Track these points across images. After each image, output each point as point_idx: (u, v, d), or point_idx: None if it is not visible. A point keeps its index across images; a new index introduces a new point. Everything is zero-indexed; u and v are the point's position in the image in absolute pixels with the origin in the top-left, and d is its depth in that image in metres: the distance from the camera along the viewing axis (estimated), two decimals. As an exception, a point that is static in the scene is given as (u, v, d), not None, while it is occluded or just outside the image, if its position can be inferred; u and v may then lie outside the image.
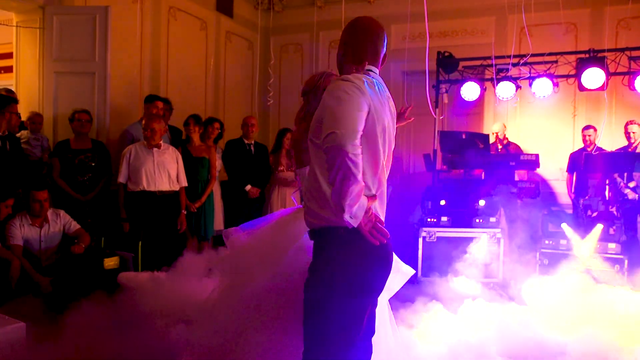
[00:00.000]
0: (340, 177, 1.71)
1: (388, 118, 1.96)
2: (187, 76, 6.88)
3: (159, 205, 4.71)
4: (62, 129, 5.44)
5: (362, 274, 1.85)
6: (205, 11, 7.18)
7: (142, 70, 6.16)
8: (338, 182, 1.72)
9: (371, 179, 1.89)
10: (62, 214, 4.46)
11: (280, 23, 8.26)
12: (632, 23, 6.66)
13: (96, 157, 4.99)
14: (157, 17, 6.39)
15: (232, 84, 7.72)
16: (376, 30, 2.07)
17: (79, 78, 5.54)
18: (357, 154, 1.72)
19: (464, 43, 7.27)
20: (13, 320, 2.95)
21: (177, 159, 4.89)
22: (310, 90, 2.53)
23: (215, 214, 5.47)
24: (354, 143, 1.72)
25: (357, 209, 1.75)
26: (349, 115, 1.76)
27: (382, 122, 1.90)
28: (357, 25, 2.09)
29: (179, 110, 5.93)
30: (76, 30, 5.51)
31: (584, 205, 5.75)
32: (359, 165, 1.72)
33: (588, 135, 6.15)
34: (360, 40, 2.06)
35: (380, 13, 7.73)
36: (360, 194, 1.75)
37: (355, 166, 1.71)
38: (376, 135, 1.87)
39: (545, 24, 6.80)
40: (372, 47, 2.05)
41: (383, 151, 1.93)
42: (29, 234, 4.22)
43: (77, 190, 4.86)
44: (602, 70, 5.59)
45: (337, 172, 1.71)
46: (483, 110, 7.38)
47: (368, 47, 2.05)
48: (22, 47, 5.72)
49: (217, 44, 7.42)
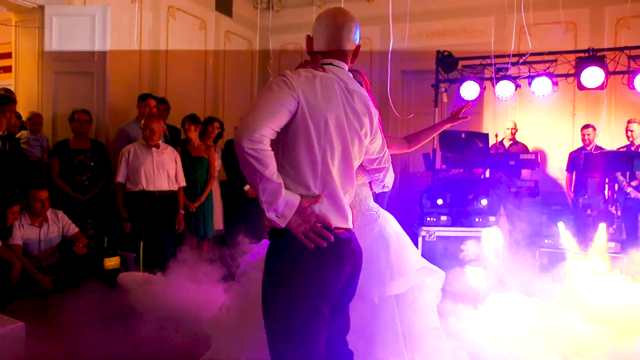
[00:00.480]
0: (247, 173, 1.68)
1: (341, 113, 1.82)
2: (187, 76, 6.88)
3: (158, 205, 4.70)
4: (62, 129, 5.43)
5: (305, 274, 1.77)
6: (205, 10, 7.18)
7: (141, 70, 6.16)
8: (248, 179, 1.69)
9: (311, 178, 1.78)
10: (61, 215, 4.46)
11: (280, 22, 8.26)
12: (631, 22, 6.66)
13: (95, 157, 4.99)
14: (156, 17, 6.38)
15: (232, 84, 7.72)
16: (337, 21, 1.94)
17: (78, 78, 5.53)
18: (256, 149, 1.64)
19: (464, 42, 7.27)
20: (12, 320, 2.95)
21: (175, 158, 4.89)
22: None
23: (215, 214, 5.47)
24: (251, 138, 1.64)
25: (284, 208, 1.69)
26: (259, 110, 1.69)
27: (324, 117, 1.77)
28: (321, 17, 1.98)
29: (178, 109, 5.93)
30: (75, 30, 5.50)
31: (583, 204, 5.76)
32: (264, 161, 1.65)
33: (587, 135, 6.16)
34: (320, 33, 1.96)
35: (380, 12, 7.73)
36: (277, 192, 1.68)
37: (258, 162, 1.64)
38: (309, 130, 1.75)
39: (545, 23, 6.80)
40: (331, 39, 1.94)
41: (328, 148, 1.79)
42: (28, 234, 4.22)
43: (77, 190, 4.85)
44: (601, 70, 5.59)
45: (244, 168, 1.67)
46: (482, 110, 7.38)
47: (328, 39, 1.94)
48: (21, 47, 5.71)
49: (216, 44, 7.42)
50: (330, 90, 1.82)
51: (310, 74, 1.81)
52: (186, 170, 5.09)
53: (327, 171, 1.79)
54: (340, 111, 1.82)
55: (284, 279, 1.78)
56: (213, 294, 3.59)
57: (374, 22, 7.80)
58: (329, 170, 1.80)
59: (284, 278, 1.78)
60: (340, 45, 1.94)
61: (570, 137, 6.93)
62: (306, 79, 1.78)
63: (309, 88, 1.77)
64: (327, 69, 1.89)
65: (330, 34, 1.94)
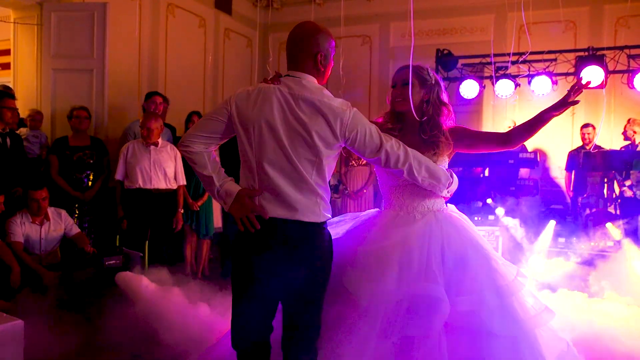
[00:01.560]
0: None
1: (274, 118, 2.01)
2: (186, 73, 6.87)
3: (155, 203, 4.69)
4: (60, 126, 5.42)
5: (235, 257, 2.13)
6: (204, 8, 7.17)
7: (140, 67, 6.15)
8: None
9: (249, 174, 2.09)
10: (64, 214, 4.44)
11: (279, 20, 8.25)
12: (631, 21, 6.66)
13: (94, 154, 4.97)
14: (156, 14, 6.37)
15: (231, 81, 7.71)
16: (292, 36, 2.14)
17: (77, 75, 5.52)
18: (186, 151, 2.10)
19: (463, 41, 7.27)
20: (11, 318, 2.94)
21: (175, 157, 4.86)
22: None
23: (214, 212, 5.46)
24: (181, 143, 2.12)
25: (225, 196, 2.08)
26: (195, 124, 2.18)
27: (253, 123, 2.03)
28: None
29: (177, 107, 5.92)
30: (74, 27, 5.49)
31: (582, 203, 5.77)
32: (193, 160, 2.10)
33: (587, 134, 6.16)
34: (286, 48, 2.19)
35: (379, 11, 7.74)
36: (210, 183, 2.11)
37: (190, 161, 2.12)
38: (240, 134, 2.07)
39: (545, 21, 6.80)
40: (288, 53, 2.16)
41: (263, 149, 2.02)
42: (29, 232, 4.20)
43: (76, 188, 4.84)
44: (601, 68, 5.59)
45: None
46: (482, 109, 7.38)
47: (287, 53, 2.17)
48: (19, 44, 5.70)
49: (215, 41, 7.41)
50: (265, 100, 2.04)
51: (253, 88, 2.09)
52: (186, 168, 5.07)
53: (262, 169, 2.03)
54: (273, 117, 2.01)
55: (233, 263, 2.16)
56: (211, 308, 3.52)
57: (374, 20, 7.80)
58: (263, 168, 2.03)
59: (233, 262, 2.16)
60: (294, 58, 2.12)
61: (570, 136, 6.93)
62: (246, 92, 2.09)
63: (243, 100, 2.07)
64: (283, 80, 2.08)
65: (287, 49, 2.16)
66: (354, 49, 7.75)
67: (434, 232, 2.25)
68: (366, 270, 2.19)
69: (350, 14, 7.31)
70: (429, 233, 2.24)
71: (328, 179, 2.11)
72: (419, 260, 2.18)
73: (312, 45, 2.08)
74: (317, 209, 2.05)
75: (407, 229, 2.25)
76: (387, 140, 2.09)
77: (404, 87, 2.35)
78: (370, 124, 2.09)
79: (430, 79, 2.38)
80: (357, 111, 2.05)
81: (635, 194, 5.62)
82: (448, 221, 2.31)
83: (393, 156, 2.10)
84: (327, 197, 2.10)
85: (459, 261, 2.20)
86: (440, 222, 2.29)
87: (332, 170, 2.13)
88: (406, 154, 2.12)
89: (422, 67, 2.41)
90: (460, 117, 7.76)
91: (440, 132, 2.34)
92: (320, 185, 2.05)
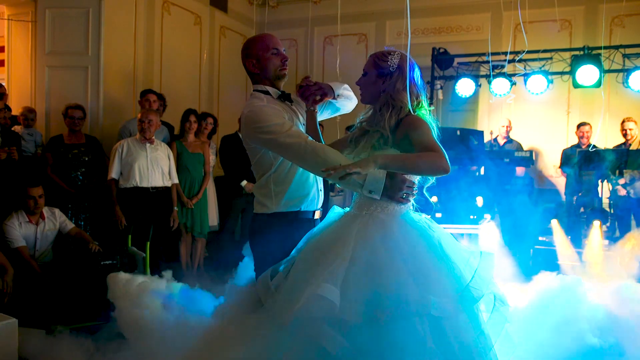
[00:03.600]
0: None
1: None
2: (181, 71, 6.84)
3: (152, 201, 4.67)
4: (55, 124, 5.40)
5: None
6: (200, 6, 7.14)
7: (135, 64, 6.11)
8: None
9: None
10: (58, 212, 4.41)
11: (275, 18, 8.22)
12: (626, 20, 6.68)
13: (90, 152, 4.95)
14: (151, 11, 6.34)
15: (227, 79, 7.68)
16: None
17: (72, 72, 5.50)
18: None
19: (459, 39, 7.28)
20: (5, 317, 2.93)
21: (169, 155, 4.87)
22: None
23: (209, 210, 5.45)
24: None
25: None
26: None
27: None
28: None
29: (173, 105, 5.89)
30: (69, 24, 5.47)
31: (577, 202, 5.78)
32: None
33: (585, 132, 6.17)
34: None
35: (375, 9, 7.73)
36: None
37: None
38: None
39: (540, 20, 6.81)
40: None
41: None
42: (25, 232, 4.16)
43: (71, 186, 4.82)
44: (596, 68, 5.61)
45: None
46: (478, 107, 7.40)
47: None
48: (13, 41, 5.67)
49: (211, 39, 7.38)
50: None
51: None
52: (183, 167, 5.06)
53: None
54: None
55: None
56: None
57: (370, 18, 7.80)
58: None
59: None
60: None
61: (565, 134, 6.96)
62: None
63: None
64: None
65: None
66: (350, 48, 7.73)
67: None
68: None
69: (346, 12, 7.30)
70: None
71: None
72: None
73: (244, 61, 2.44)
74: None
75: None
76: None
77: (363, 77, 2.22)
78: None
79: (389, 66, 2.15)
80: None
81: (628, 192, 5.65)
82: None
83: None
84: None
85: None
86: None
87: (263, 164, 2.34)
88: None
89: (383, 52, 2.20)
90: (456, 116, 7.84)
91: (386, 124, 2.11)
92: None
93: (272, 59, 2.35)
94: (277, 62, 2.37)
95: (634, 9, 6.59)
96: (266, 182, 2.34)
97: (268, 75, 2.38)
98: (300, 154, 2.13)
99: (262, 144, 2.26)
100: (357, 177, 1.99)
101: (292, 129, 2.18)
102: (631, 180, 5.64)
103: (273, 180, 2.32)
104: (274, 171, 2.32)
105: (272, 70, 2.37)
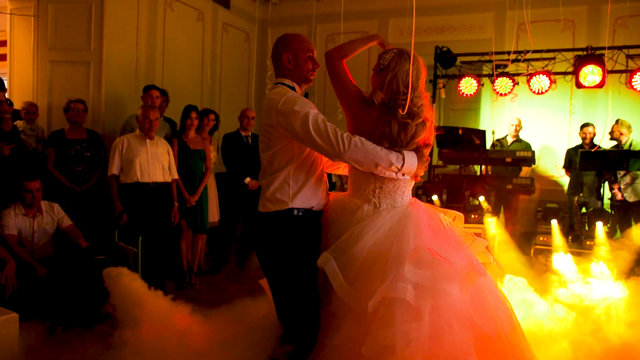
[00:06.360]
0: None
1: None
2: (183, 67, 6.83)
3: (153, 196, 4.67)
4: (57, 119, 5.39)
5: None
6: (202, 2, 7.13)
7: (137, 60, 6.10)
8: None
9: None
10: (57, 208, 4.41)
11: (278, 15, 8.21)
12: (629, 21, 6.67)
13: (91, 147, 4.94)
14: (154, 7, 6.32)
15: (229, 76, 7.67)
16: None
17: (74, 67, 5.49)
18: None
19: (462, 39, 7.26)
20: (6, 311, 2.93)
21: (168, 150, 4.86)
22: None
23: (210, 206, 5.44)
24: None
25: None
26: None
27: None
28: None
29: (175, 101, 5.89)
30: (71, 19, 5.46)
31: (578, 202, 5.78)
32: None
33: (588, 133, 6.15)
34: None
35: (378, 7, 7.72)
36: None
37: None
38: None
39: (543, 20, 6.80)
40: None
41: None
42: (22, 224, 4.18)
43: (72, 181, 4.82)
44: (599, 68, 5.60)
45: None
46: (480, 107, 7.39)
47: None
48: (16, 36, 5.65)
49: (213, 36, 7.37)
50: None
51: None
52: (184, 163, 5.05)
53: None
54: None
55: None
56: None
57: (373, 17, 7.78)
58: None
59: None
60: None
61: (567, 135, 6.94)
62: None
63: None
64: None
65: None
66: (353, 45, 7.71)
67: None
68: None
69: (349, 10, 7.28)
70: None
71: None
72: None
73: (275, 53, 2.44)
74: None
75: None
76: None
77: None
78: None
79: (384, 62, 2.36)
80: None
81: (624, 196, 5.64)
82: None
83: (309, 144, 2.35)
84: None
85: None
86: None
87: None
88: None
89: (385, 51, 2.41)
90: (458, 115, 7.82)
91: (385, 120, 2.31)
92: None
93: (308, 61, 2.42)
94: (310, 66, 2.44)
95: (638, 9, 6.58)
96: (285, 177, 2.29)
97: (299, 74, 2.42)
98: (347, 144, 2.17)
99: (297, 128, 2.20)
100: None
101: (327, 122, 2.22)
102: (632, 181, 5.64)
103: (294, 173, 2.29)
104: (298, 163, 2.29)
105: (304, 72, 2.43)
